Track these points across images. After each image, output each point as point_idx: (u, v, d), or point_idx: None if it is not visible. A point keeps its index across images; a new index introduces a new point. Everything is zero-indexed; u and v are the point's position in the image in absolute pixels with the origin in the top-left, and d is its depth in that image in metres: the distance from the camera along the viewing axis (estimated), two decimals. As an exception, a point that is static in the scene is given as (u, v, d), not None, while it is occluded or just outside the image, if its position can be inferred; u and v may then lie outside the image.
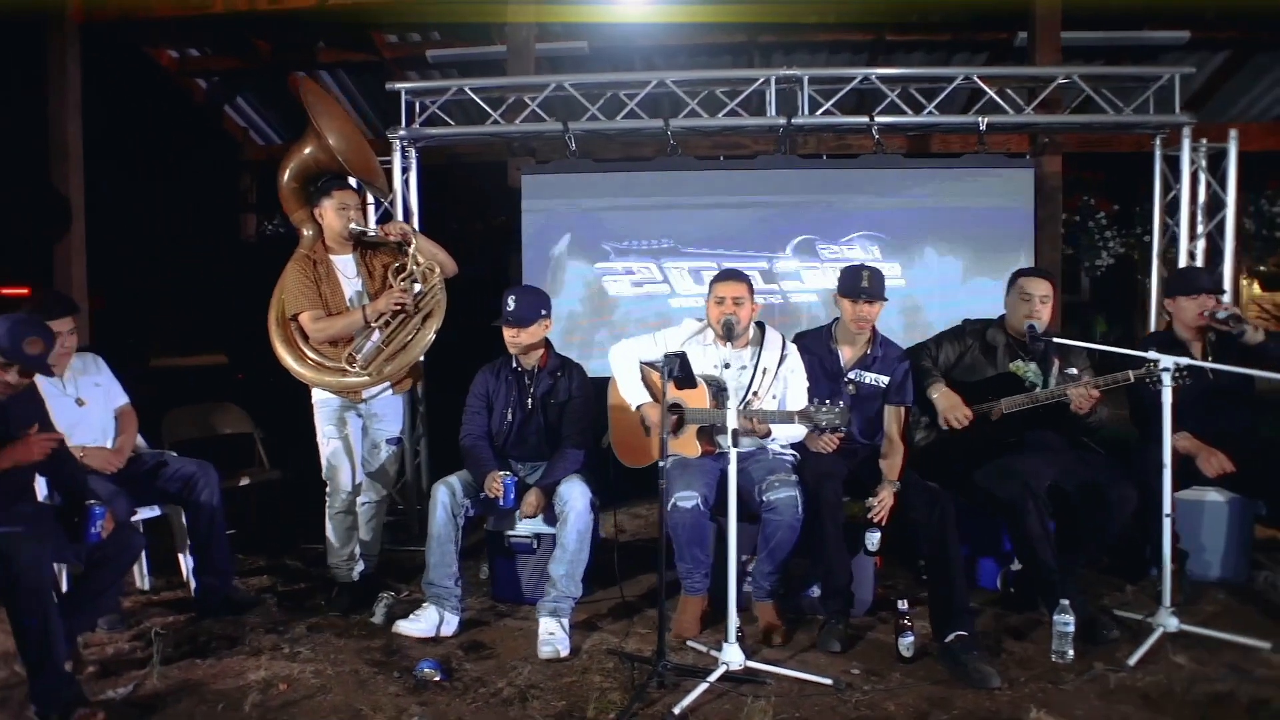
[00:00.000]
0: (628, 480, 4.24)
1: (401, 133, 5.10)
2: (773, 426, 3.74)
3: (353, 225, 4.10)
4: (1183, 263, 5.02)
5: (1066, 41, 6.27)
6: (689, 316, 4.13)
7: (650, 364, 4.04)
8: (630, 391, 3.96)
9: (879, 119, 4.93)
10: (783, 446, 4.00)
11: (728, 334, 3.65)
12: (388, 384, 4.21)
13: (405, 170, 5.23)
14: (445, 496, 3.86)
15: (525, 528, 4.06)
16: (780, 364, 3.91)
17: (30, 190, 5.66)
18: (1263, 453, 4.01)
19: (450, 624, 3.80)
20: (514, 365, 4.15)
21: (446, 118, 5.23)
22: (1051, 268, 5.66)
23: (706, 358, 3.95)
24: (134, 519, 3.93)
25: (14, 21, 5.59)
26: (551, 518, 3.91)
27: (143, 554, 4.30)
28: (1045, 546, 3.72)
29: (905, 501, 3.82)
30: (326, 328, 4.05)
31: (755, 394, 3.80)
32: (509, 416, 4.12)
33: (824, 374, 4.07)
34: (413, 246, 4.13)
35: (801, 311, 5.23)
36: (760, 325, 4.02)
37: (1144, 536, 3.99)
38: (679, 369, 3.34)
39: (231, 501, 4.60)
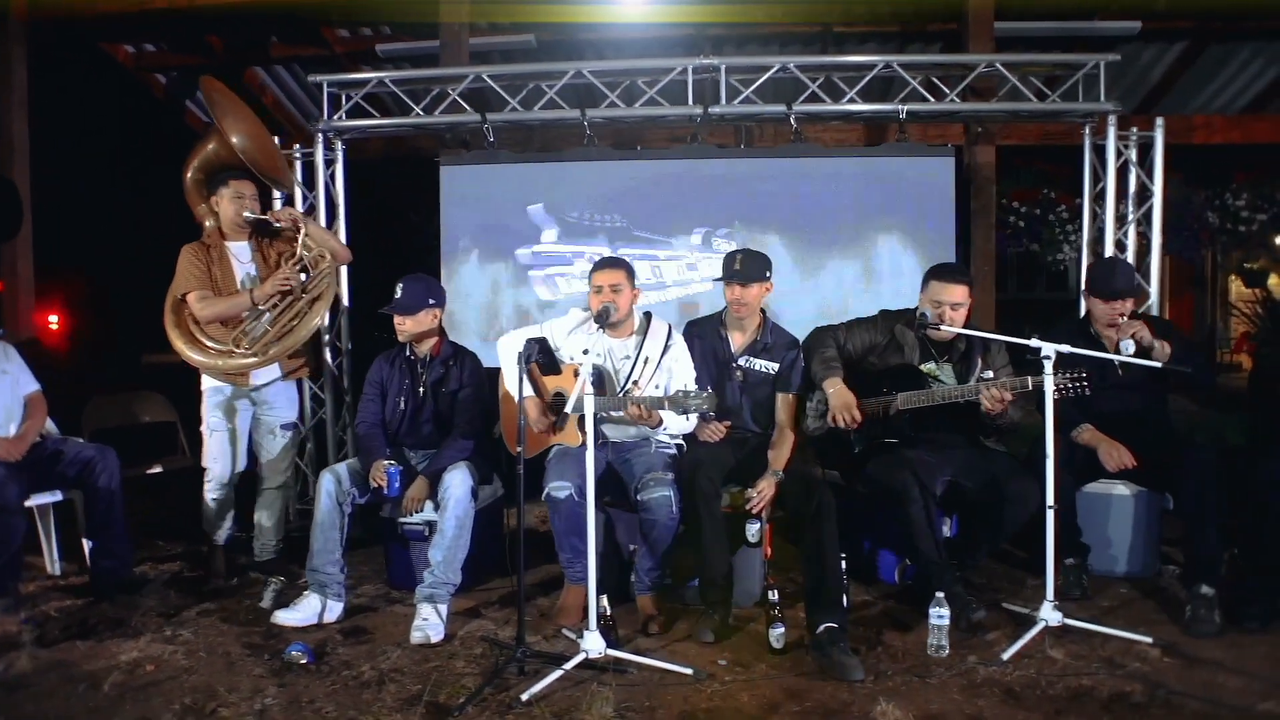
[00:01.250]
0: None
1: (321, 125, 5.09)
2: (662, 415, 3.68)
3: (247, 213, 4.14)
4: (1109, 253, 4.88)
5: (1013, 32, 6.16)
6: (575, 306, 4.08)
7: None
8: (514, 382, 3.92)
9: (798, 108, 4.85)
10: (672, 438, 3.94)
11: (602, 321, 3.59)
12: (277, 371, 4.25)
13: (330, 164, 5.21)
14: (330, 484, 3.83)
15: (419, 515, 4.03)
16: (664, 353, 3.84)
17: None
18: (1172, 447, 3.89)
19: (334, 611, 3.78)
20: (407, 354, 4.13)
21: (372, 110, 5.21)
22: (984, 259, 5.57)
23: (593, 348, 3.89)
24: (30, 504, 3.96)
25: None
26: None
27: (53, 538, 4.37)
28: (927, 538, 3.63)
29: (785, 490, 3.75)
30: (213, 306, 4.10)
31: (635, 383, 3.74)
32: (401, 404, 4.09)
33: (714, 361, 4.00)
34: (303, 233, 4.15)
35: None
36: (647, 315, 3.96)
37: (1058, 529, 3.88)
38: (538, 354, 3.29)
39: (148, 489, 4.63)
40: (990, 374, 3.84)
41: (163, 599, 4.05)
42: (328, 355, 5.18)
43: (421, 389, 4.08)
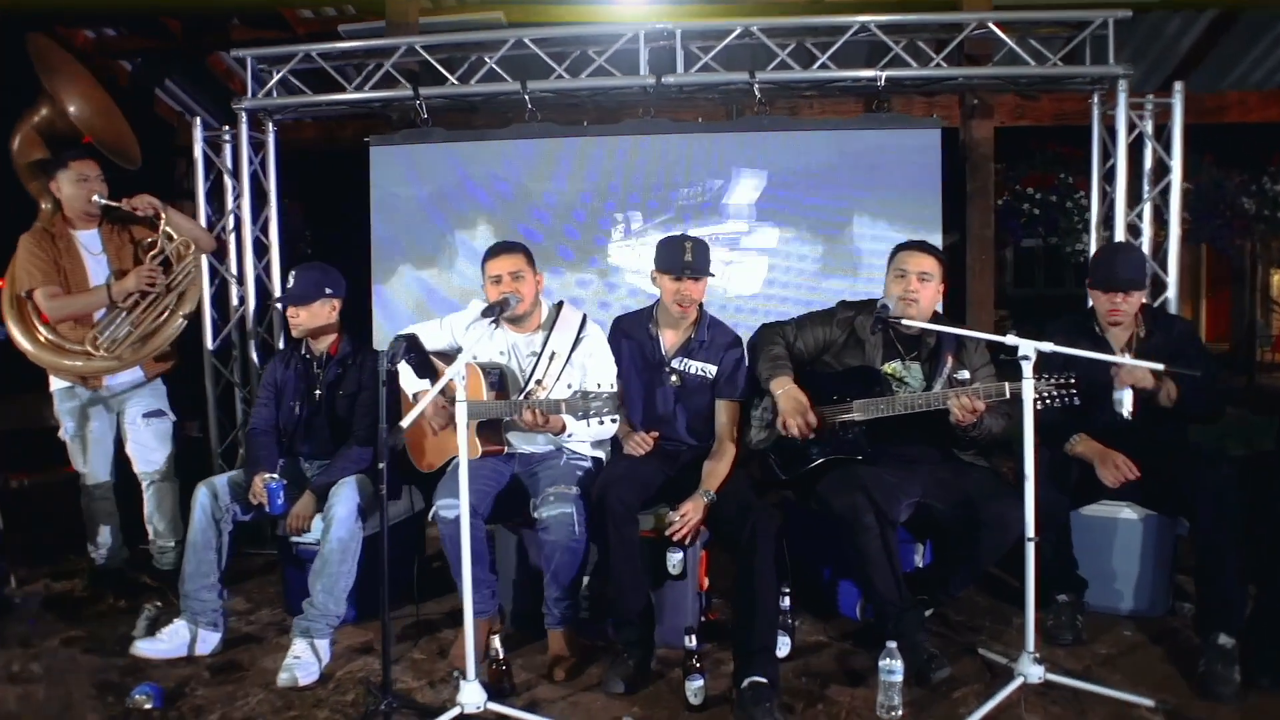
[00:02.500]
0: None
1: (245, 103, 4.56)
2: (569, 422, 3.09)
3: (96, 198, 3.62)
4: (1120, 236, 4.17)
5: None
6: (476, 299, 3.49)
7: (436, 353, 3.42)
8: (409, 384, 3.35)
9: (763, 75, 4.21)
10: (594, 446, 3.35)
11: (497, 314, 2.99)
12: (139, 373, 3.76)
13: (260, 147, 4.69)
14: (205, 499, 3.29)
15: (309, 534, 3.47)
16: (575, 348, 3.24)
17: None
18: (1185, 461, 3.19)
19: (207, 642, 3.24)
20: (303, 352, 3.59)
21: (304, 87, 4.68)
22: (981, 247, 4.87)
23: (494, 343, 3.31)
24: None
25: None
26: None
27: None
28: (883, 573, 2.99)
29: (717, 513, 3.13)
30: (65, 305, 3.61)
31: (538, 383, 3.14)
32: (296, 409, 3.54)
33: (643, 363, 3.39)
34: (164, 221, 3.63)
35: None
36: (559, 305, 3.37)
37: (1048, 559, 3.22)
38: (404, 353, 2.72)
39: (55, 496, 4.16)
40: (965, 374, 3.18)
41: (31, 625, 3.55)
42: (254, 355, 4.65)
43: (318, 391, 3.53)
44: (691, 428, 3.38)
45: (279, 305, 3.49)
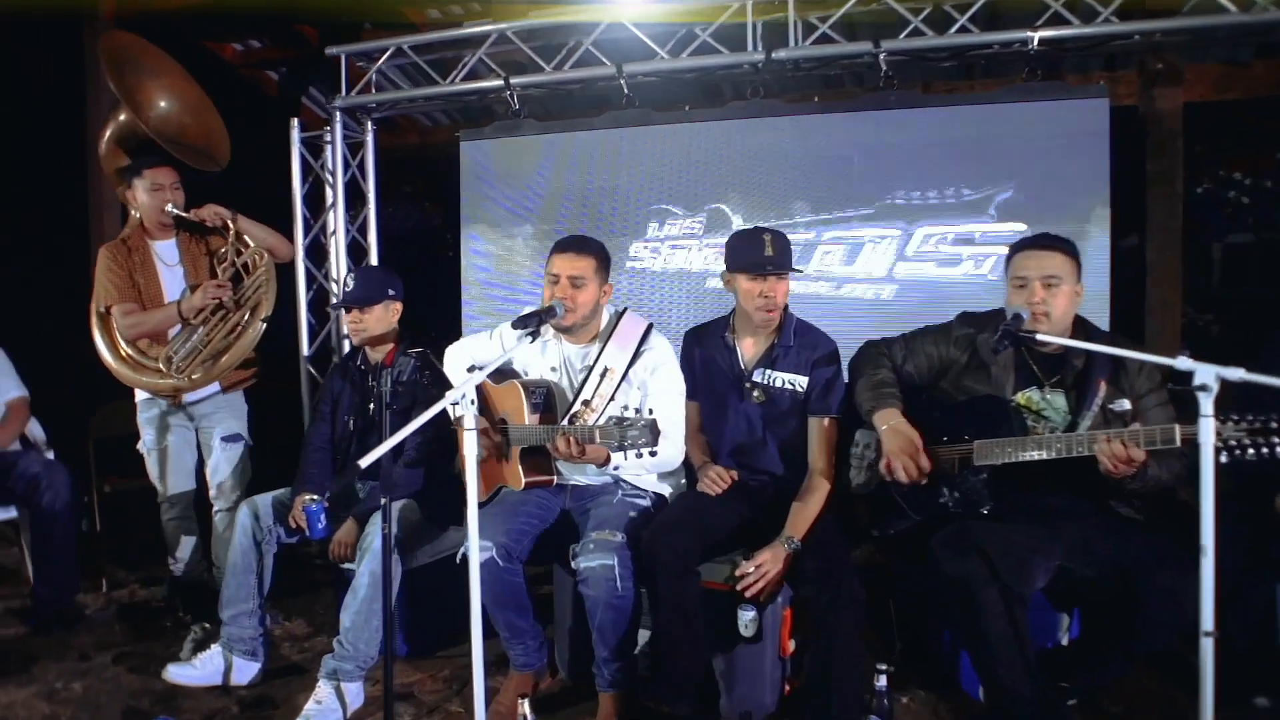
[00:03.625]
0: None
1: (339, 101, 4.36)
2: (614, 453, 2.59)
3: (169, 207, 3.42)
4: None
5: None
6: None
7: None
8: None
9: (890, 44, 3.53)
10: (660, 479, 2.83)
11: (537, 325, 2.53)
12: (215, 385, 3.52)
13: (358, 149, 4.48)
14: (246, 519, 3.04)
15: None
16: (633, 363, 2.73)
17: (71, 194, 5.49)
18: None
19: (244, 672, 2.99)
20: (358, 362, 3.28)
21: (400, 84, 4.43)
22: (1166, 242, 3.95)
23: (545, 357, 2.86)
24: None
25: (52, 22, 5.43)
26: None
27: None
28: (1009, 660, 2.31)
29: (798, 566, 2.54)
30: (138, 323, 3.44)
31: (586, 404, 2.66)
32: (350, 424, 3.24)
33: (721, 378, 2.84)
34: (233, 232, 3.39)
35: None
36: (620, 313, 2.86)
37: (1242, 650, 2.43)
38: (412, 371, 2.31)
39: (128, 504, 4.09)
40: (1125, 404, 2.43)
41: (98, 635, 3.44)
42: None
43: (373, 405, 3.21)
44: (783, 454, 2.80)
45: (337, 310, 3.20)
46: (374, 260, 4.52)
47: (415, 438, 3.08)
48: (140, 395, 3.59)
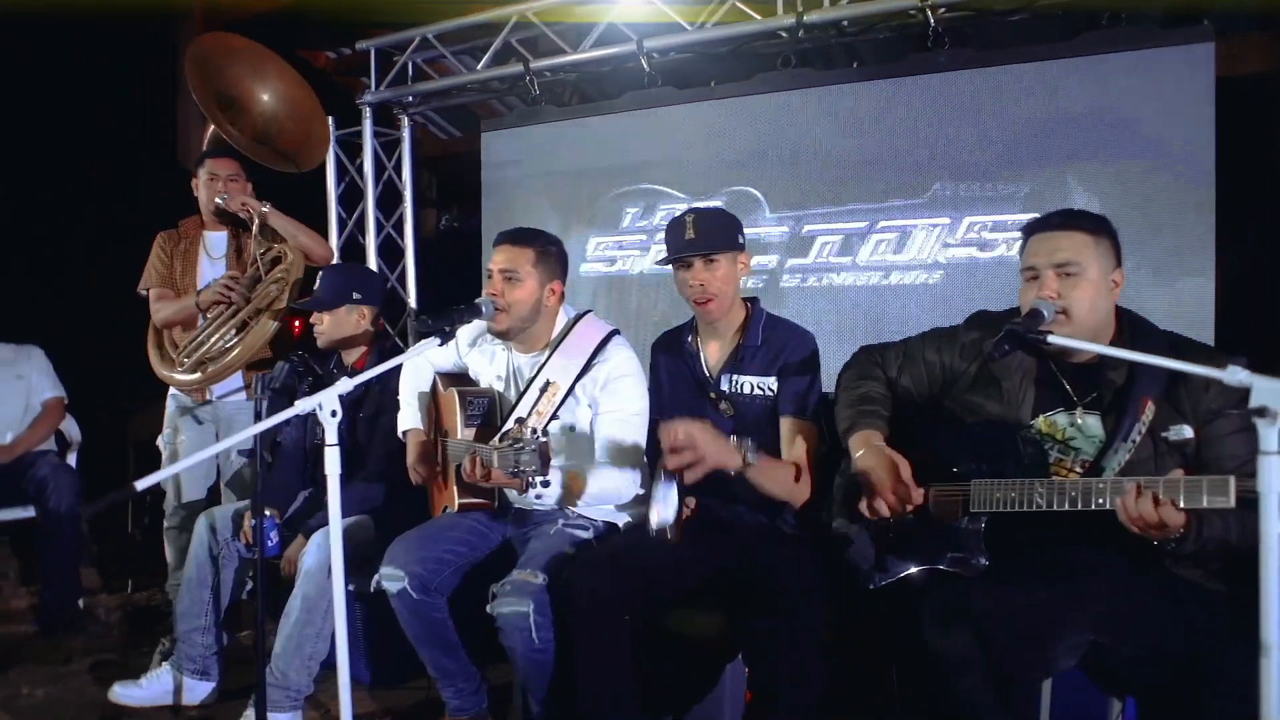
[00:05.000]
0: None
1: (368, 96, 4.20)
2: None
3: (218, 199, 3.30)
4: None
5: None
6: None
7: (446, 373, 2.69)
8: (405, 412, 2.66)
9: (939, -2, 2.96)
10: (620, 507, 2.42)
11: (453, 327, 2.19)
12: (239, 382, 3.36)
13: (394, 146, 4.31)
14: (203, 531, 2.85)
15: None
16: (582, 376, 2.33)
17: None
18: None
19: (196, 691, 2.80)
20: (331, 366, 3.05)
21: (432, 73, 4.22)
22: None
23: (493, 365, 2.51)
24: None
25: (144, 25, 5.60)
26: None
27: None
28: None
29: (762, 561, 2.09)
30: (162, 310, 3.35)
31: (521, 422, 2.27)
32: (319, 432, 3.00)
33: (689, 389, 2.39)
34: (256, 225, 3.23)
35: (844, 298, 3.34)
36: (579, 316, 2.47)
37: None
38: (285, 376, 2.02)
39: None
40: (1186, 433, 1.82)
41: (92, 641, 3.38)
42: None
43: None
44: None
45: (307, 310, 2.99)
46: (410, 263, 4.33)
47: (380, 448, 2.86)
48: (171, 390, 3.47)
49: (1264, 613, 1.43)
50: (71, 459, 3.85)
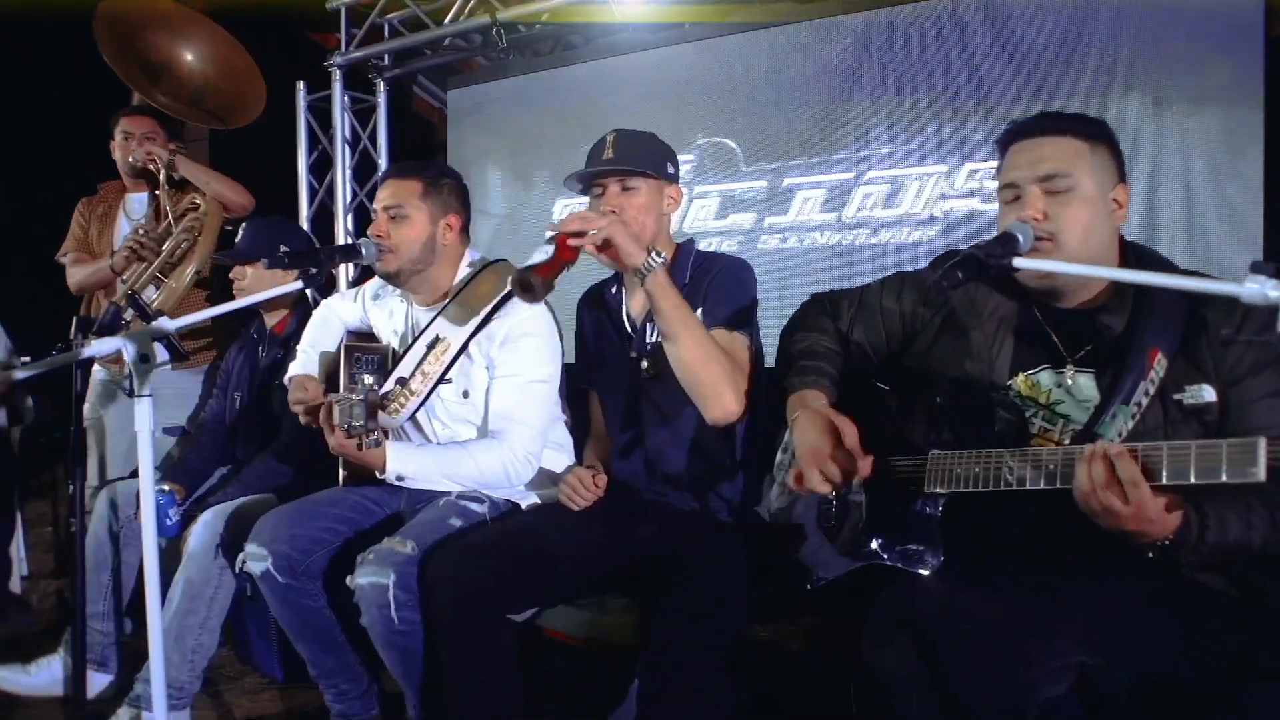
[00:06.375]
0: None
1: (337, 59, 3.90)
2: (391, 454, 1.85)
3: (131, 158, 3.06)
4: None
5: None
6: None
7: (354, 330, 2.34)
8: (298, 359, 2.31)
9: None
10: (528, 485, 2.04)
11: (322, 271, 1.85)
12: (165, 354, 3.07)
13: (369, 113, 4.00)
14: (104, 508, 2.56)
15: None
16: (477, 333, 1.96)
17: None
18: None
19: (92, 682, 2.50)
20: (253, 330, 2.74)
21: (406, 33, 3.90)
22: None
23: (392, 320, 2.16)
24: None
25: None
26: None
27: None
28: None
29: (688, 554, 1.70)
30: (75, 274, 3.11)
31: (404, 384, 1.91)
32: (238, 399, 2.70)
33: (614, 349, 2.00)
34: (163, 176, 2.95)
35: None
36: (486, 265, 2.10)
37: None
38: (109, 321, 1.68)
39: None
40: (1207, 394, 1.38)
41: (9, 627, 3.12)
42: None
43: (255, 377, 2.66)
44: (694, 448, 1.89)
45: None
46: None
47: (290, 420, 2.52)
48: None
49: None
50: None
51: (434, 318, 2.01)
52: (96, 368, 3.16)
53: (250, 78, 3.40)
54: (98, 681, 2.52)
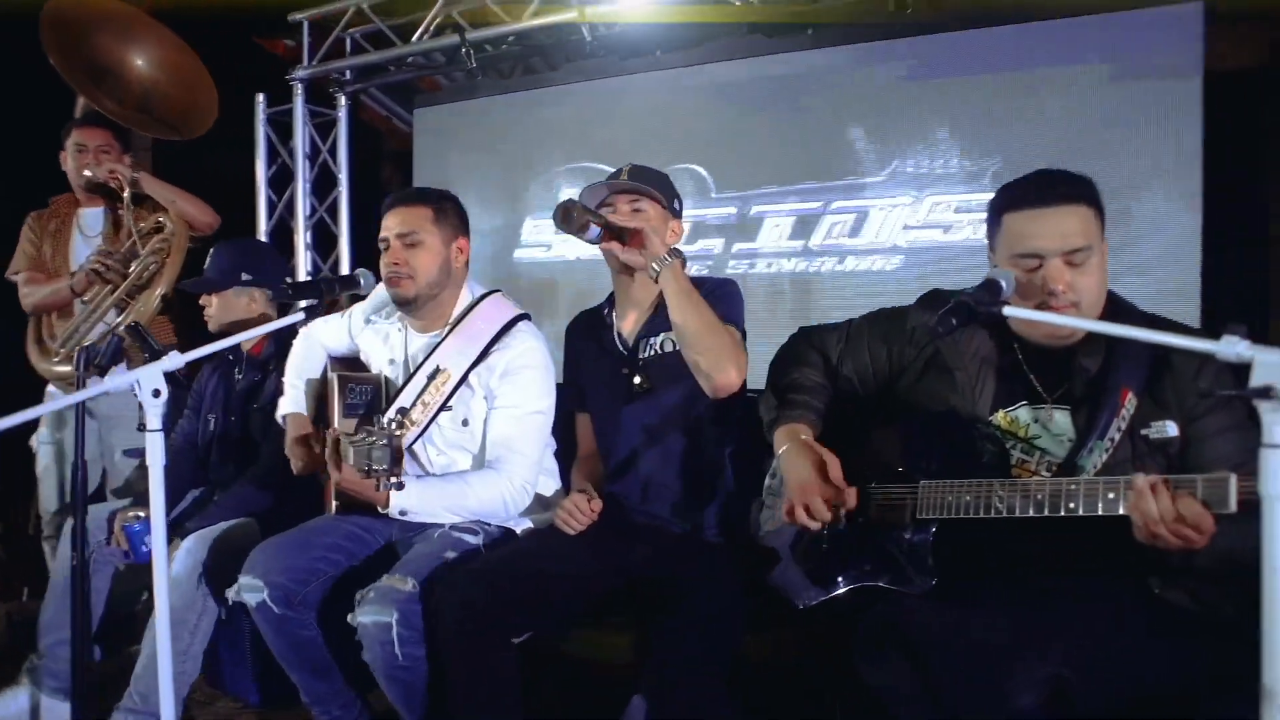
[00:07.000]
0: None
1: (299, 72, 3.86)
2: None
3: (87, 171, 2.98)
4: None
5: None
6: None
7: (339, 357, 2.35)
8: (288, 395, 2.31)
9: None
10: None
11: (322, 300, 1.86)
12: (127, 376, 2.99)
13: (329, 128, 3.97)
14: (72, 533, 2.51)
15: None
16: (477, 364, 2.00)
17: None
18: None
19: (55, 713, 2.45)
20: (228, 351, 2.71)
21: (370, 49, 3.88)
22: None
23: (387, 346, 2.18)
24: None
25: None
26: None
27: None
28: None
29: (682, 575, 1.78)
30: (31, 295, 3.02)
31: (405, 413, 1.93)
32: (211, 423, 2.66)
33: (608, 371, 2.05)
34: (127, 194, 2.89)
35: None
36: (485, 295, 2.14)
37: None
38: (110, 355, 1.68)
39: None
40: (1170, 430, 1.50)
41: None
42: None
43: (231, 402, 2.63)
44: (656, 471, 1.96)
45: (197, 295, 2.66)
46: (345, 252, 3.98)
47: (269, 444, 2.51)
48: (49, 385, 3.10)
49: (1266, 649, 1.12)
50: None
51: (435, 347, 2.04)
52: (51, 387, 3.07)
53: (202, 85, 3.32)
54: (61, 710, 2.46)
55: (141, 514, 2.42)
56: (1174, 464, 1.50)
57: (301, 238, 3.93)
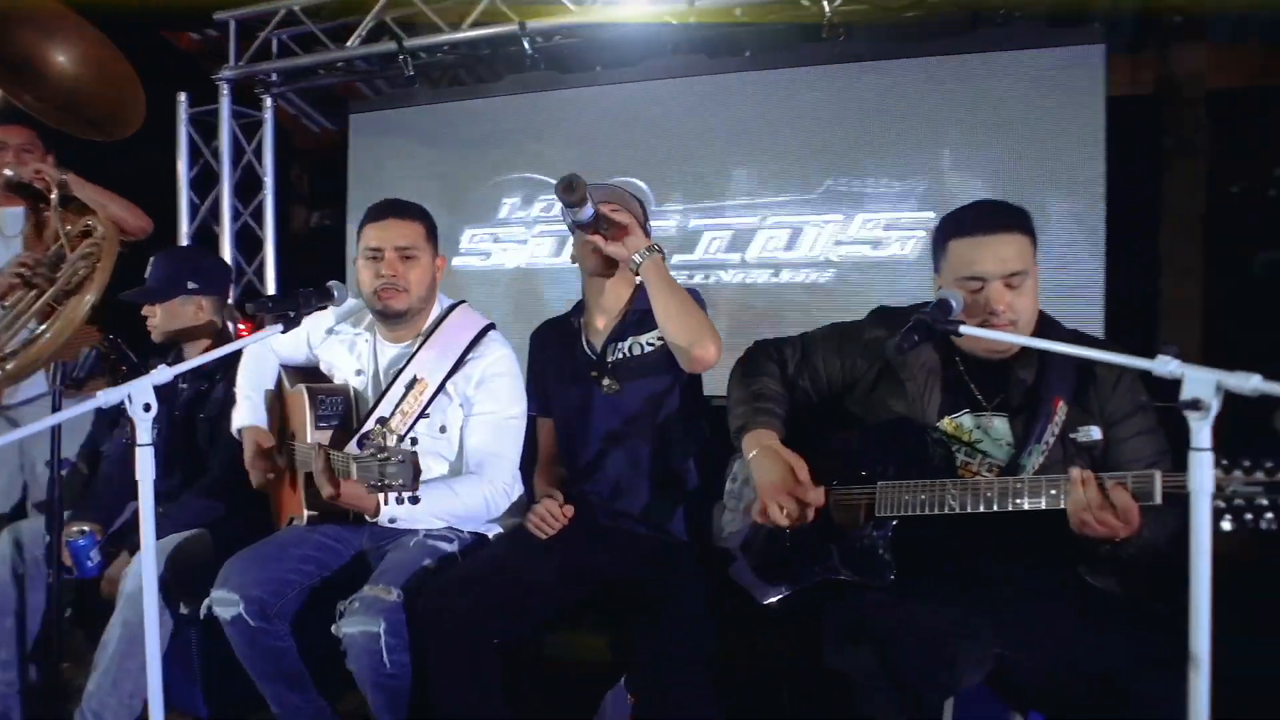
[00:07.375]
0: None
1: (225, 72, 3.77)
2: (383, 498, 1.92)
3: (8, 171, 2.85)
4: None
5: None
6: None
7: (294, 367, 2.35)
8: (243, 408, 2.30)
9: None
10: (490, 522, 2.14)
11: (296, 314, 1.87)
12: (42, 385, 2.88)
13: (254, 129, 3.88)
14: (6, 549, 2.41)
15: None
16: (453, 373, 2.05)
17: None
18: None
19: (-6, 741, 2.37)
20: (170, 360, 2.65)
21: (299, 51, 3.82)
22: (1185, 233, 3.16)
23: (353, 356, 2.20)
24: None
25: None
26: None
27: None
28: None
29: (654, 576, 1.88)
30: None
31: (384, 423, 1.97)
32: (155, 435, 2.60)
33: (575, 376, 2.13)
34: (54, 197, 2.78)
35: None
36: (454, 306, 2.19)
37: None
38: (89, 365, 1.66)
39: None
40: (1095, 434, 1.69)
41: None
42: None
43: (176, 413, 2.58)
44: (622, 473, 2.05)
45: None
46: (270, 255, 3.91)
47: (222, 454, 2.47)
48: None
49: (1193, 622, 1.29)
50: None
51: (410, 357, 2.07)
52: None
53: (128, 84, 3.22)
54: (-2, 738, 2.38)
55: (86, 528, 2.36)
56: (1097, 464, 1.70)
57: (227, 241, 3.83)
